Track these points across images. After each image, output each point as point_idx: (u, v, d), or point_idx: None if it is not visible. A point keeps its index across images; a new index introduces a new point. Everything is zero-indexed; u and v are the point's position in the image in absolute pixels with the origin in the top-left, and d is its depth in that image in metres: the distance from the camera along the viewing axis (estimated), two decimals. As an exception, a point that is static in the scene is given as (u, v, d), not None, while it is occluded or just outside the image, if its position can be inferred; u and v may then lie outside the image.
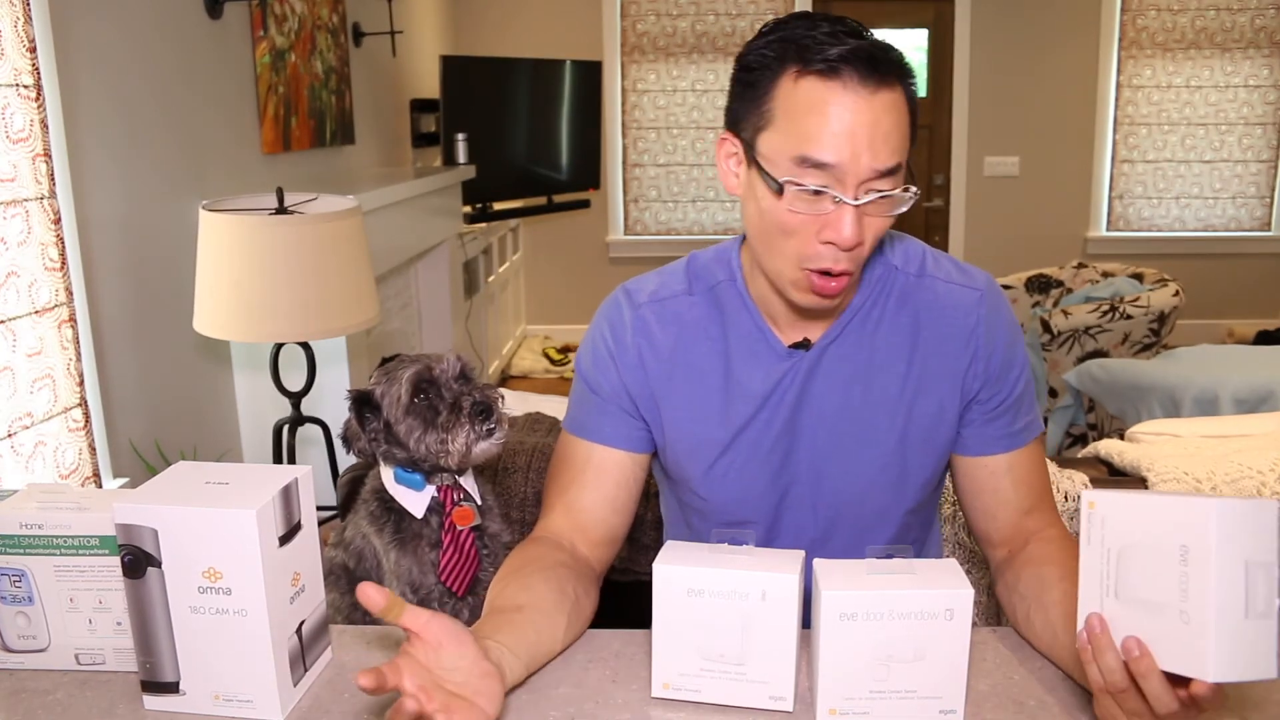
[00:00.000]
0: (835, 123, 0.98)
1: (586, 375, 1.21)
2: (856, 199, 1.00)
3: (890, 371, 1.15)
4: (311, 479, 0.96)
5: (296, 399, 2.43)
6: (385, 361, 1.27)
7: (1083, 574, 0.83)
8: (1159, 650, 0.78)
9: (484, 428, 1.20)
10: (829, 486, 1.17)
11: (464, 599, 1.26)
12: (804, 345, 1.15)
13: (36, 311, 1.92)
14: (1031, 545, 1.13)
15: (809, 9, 5.61)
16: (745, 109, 1.05)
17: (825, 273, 1.04)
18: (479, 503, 1.27)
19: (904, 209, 1.04)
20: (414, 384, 1.20)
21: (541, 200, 5.16)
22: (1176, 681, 0.78)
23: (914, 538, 1.26)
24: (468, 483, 1.27)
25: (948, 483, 1.31)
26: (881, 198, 1.01)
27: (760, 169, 1.03)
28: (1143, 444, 1.92)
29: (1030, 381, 1.20)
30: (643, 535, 1.80)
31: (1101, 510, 0.82)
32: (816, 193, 1.00)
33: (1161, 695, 0.78)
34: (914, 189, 1.03)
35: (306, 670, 0.97)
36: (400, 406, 1.20)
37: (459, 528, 1.24)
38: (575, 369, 1.24)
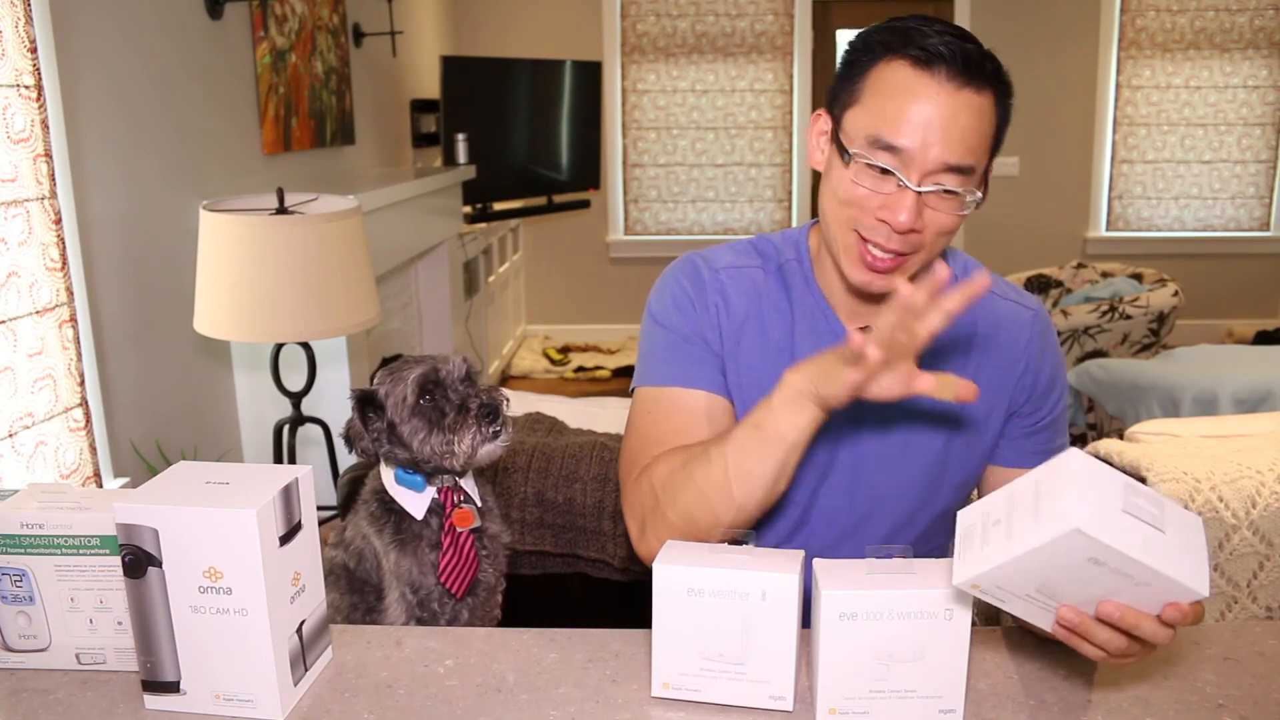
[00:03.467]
0: (914, 110, 1.02)
1: (671, 323, 1.19)
2: (920, 185, 1.03)
3: (947, 373, 1.17)
4: (312, 479, 0.96)
5: (297, 399, 2.44)
6: (387, 361, 1.27)
7: (1021, 617, 0.85)
8: (1139, 605, 0.80)
9: (490, 430, 1.20)
10: (870, 478, 1.19)
11: (463, 600, 1.26)
12: (865, 332, 1.18)
13: (37, 311, 1.92)
14: None
15: (809, 10, 5.61)
16: (841, 87, 1.10)
17: (877, 247, 1.08)
18: (479, 504, 1.27)
19: (968, 211, 1.07)
20: (420, 385, 1.20)
21: (541, 200, 5.16)
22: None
23: (936, 544, 1.28)
24: (468, 484, 1.27)
25: None
26: (946, 193, 1.05)
27: (838, 143, 1.08)
28: (1142, 444, 1.92)
29: (1067, 408, 1.26)
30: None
31: (986, 586, 0.82)
32: (884, 171, 1.05)
33: (1158, 633, 0.81)
34: (979, 194, 1.07)
35: (307, 670, 0.97)
36: (406, 407, 1.20)
37: (459, 530, 1.24)
38: (652, 323, 1.22)
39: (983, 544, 0.81)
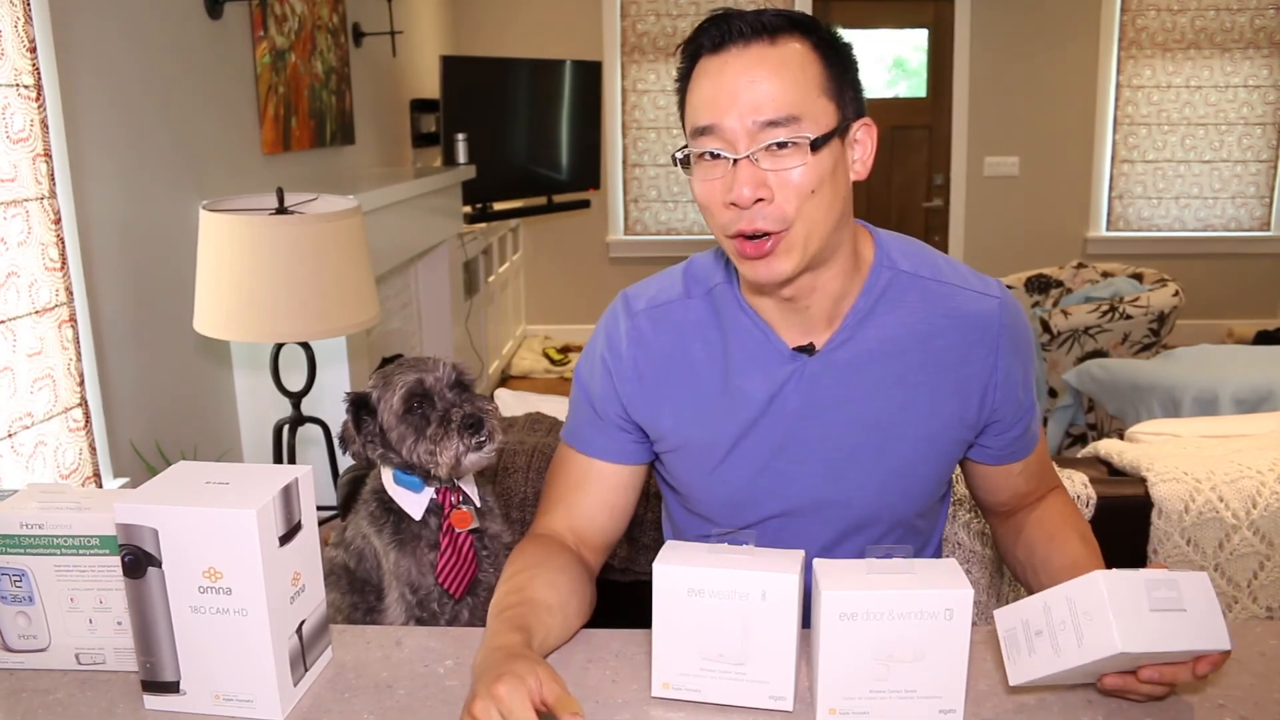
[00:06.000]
0: (712, 87, 1.02)
1: (585, 385, 1.22)
2: (744, 152, 1.00)
3: (907, 379, 1.11)
4: (311, 479, 0.96)
5: (296, 399, 2.43)
6: (386, 362, 1.27)
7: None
8: (1175, 661, 0.89)
9: (473, 440, 1.19)
10: (842, 499, 1.15)
11: (462, 600, 1.26)
12: (808, 350, 1.11)
13: (37, 311, 1.92)
14: (1034, 506, 1.25)
15: (809, 10, 5.61)
16: (681, 113, 1.09)
17: (741, 235, 1.03)
18: (477, 505, 1.27)
19: (809, 162, 1.00)
20: (406, 395, 1.20)
21: (541, 200, 5.16)
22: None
23: (920, 541, 1.26)
24: (467, 485, 1.27)
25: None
26: (779, 147, 1.00)
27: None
28: (1142, 444, 1.92)
29: (1034, 386, 1.24)
30: (643, 535, 1.80)
31: (1039, 682, 0.92)
32: (714, 156, 1.02)
33: (1193, 680, 0.90)
34: (811, 135, 1.00)
35: (307, 670, 0.97)
36: (393, 414, 1.20)
37: (457, 531, 1.24)
38: (574, 375, 1.24)
39: (1029, 651, 0.90)
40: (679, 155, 1.06)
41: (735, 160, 1.00)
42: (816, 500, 1.16)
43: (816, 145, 1.00)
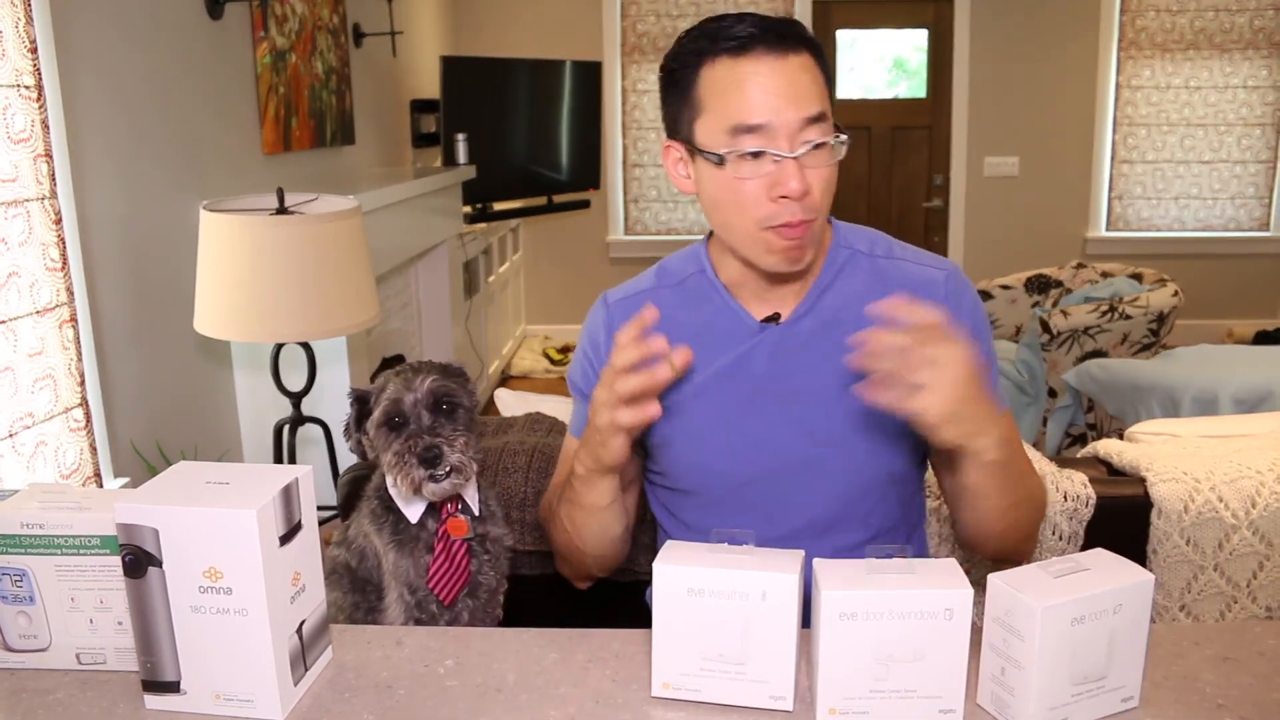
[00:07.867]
0: (755, 88, 1.09)
1: (576, 384, 1.31)
2: (794, 151, 1.09)
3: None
4: (312, 479, 0.96)
5: (297, 399, 2.44)
6: (386, 362, 1.27)
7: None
8: None
9: (429, 473, 1.16)
10: (815, 459, 1.20)
11: (463, 602, 1.26)
12: (774, 319, 1.22)
13: (37, 311, 1.92)
14: None
15: (809, 10, 5.61)
16: (678, 110, 1.16)
17: (785, 227, 1.12)
18: (475, 513, 1.26)
19: (840, 157, 1.13)
20: (384, 413, 1.18)
21: (541, 200, 5.16)
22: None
23: (900, 516, 1.28)
24: (467, 491, 1.26)
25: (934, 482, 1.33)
26: (816, 147, 1.10)
27: (703, 155, 1.13)
28: (1142, 444, 1.92)
29: (994, 363, 1.25)
30: (642, 535, 1.79)
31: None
32: (756, 155, 1.10)
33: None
34: (844, 135, 1.13)
35: (307, 670, 0.97)
36: (375, 426, 1.19)
37: (452, 538, 1.23)
38: (568, 381, 1.33)
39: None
40: (717, 154, 1.11)
41: (783, 159, 1.09)
42: (793, 460, 1.21)
43: (845, 145, 1.13)
